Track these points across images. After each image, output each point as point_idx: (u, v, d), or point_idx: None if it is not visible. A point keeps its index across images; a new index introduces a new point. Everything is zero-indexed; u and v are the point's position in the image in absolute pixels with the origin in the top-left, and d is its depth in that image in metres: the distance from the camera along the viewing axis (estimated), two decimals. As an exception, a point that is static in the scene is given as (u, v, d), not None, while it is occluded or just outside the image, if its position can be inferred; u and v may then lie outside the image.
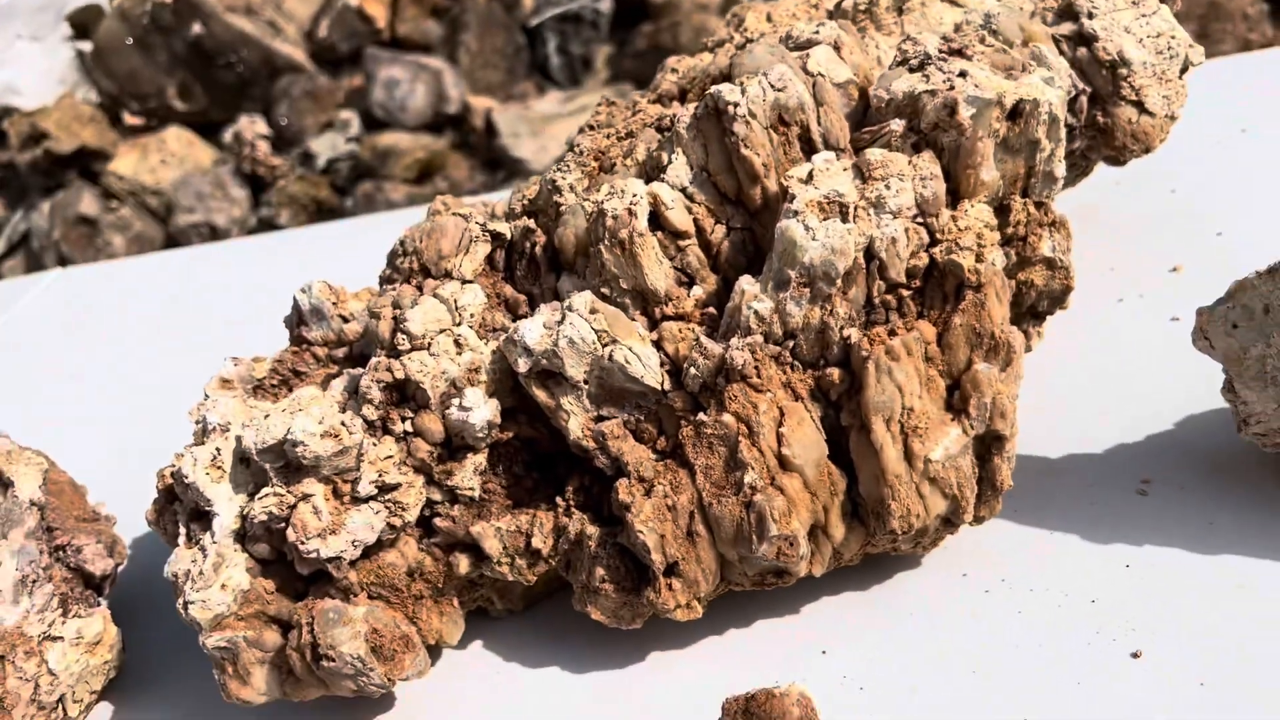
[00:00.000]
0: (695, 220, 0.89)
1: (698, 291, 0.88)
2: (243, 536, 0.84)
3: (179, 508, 0.88)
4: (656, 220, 0.87)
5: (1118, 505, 0.94)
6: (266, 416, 0.82)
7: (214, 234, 3.66)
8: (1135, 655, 0.80)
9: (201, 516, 0.86)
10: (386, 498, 0.83)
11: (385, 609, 0.86)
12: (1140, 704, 0.76)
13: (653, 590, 0.84)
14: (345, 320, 0.97)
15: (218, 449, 0.84)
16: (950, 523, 0.87)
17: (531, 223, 0.92)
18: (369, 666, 0.81)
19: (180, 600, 0.82)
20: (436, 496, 0.87)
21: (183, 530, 0.86)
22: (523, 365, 0.83)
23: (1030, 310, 0.96)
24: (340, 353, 0.97)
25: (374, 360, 0.84)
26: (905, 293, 0.85)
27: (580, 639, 0.96)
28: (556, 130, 3.58)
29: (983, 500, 0.87)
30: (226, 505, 0.83)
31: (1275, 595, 0.82)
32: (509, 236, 0.93)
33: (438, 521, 0.87)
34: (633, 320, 0.86)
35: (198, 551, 0.83)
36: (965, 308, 0.83)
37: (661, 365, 0.85)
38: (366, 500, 0.83)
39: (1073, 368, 1.08)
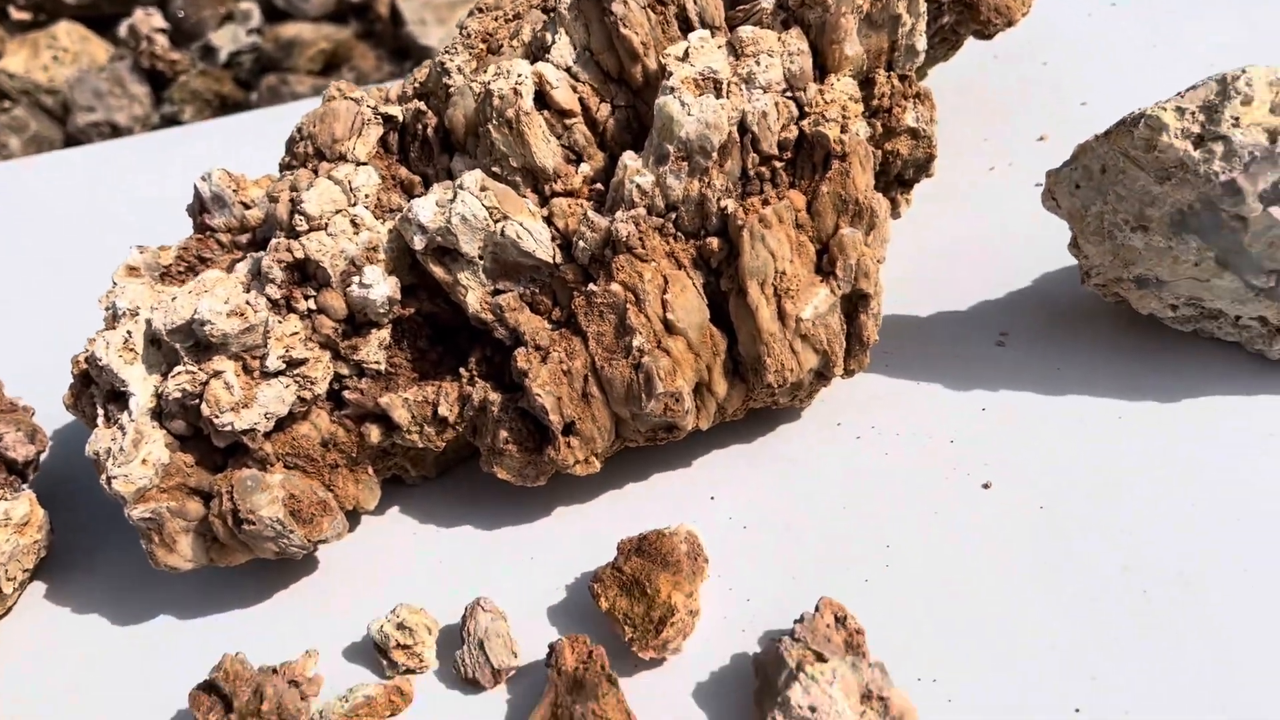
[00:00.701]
0: (580, 99, 0.93)
1: (585, 168, 0.93)
2: (159, 414, 0.88)
3: (95, 391, 0.92)
4: (543, 100, 0.91)
5: (978, 356, 1.03)
6: (174, 299, 0.85)
7: (115, 133, 3.56)
8: (986, 486, 0.89)
9: (118, 397, 0.90)
10: (295, 372, 0.88)
11: (302, 477, 0.92)
12: (988, 527, 0.86)
13: (553, 448, 0.91)
14: (247, 207, 1.00)
15: (129, 332, 0.87)
16: (822, 376, 0.95)
17: (422, 105, 0.95)
18: (288, 529, 0.87)
19: (103, 476, 0.87)
20: (344, 371, 0.92)
21: (100, 412, 0.90)
22: (419, 243, 0.88)
23: (898, 178, 1.03)
24: (244, 239, 1.00)
25: (274, 242, 0.88)
26: (777, 164, 0.90)
27: (491, 500, 1.03)
28: (465, 16, 3.52)
29: (851, 355, 0.95)
30: (141, 385, 0.87)
31: (1106, 429, 0.91)
32: (401, 119, 0.96)
33: (347, 394, 0.93)
34: (523, 197, 0.91)
35: (116, 430, 0.87)
36: (832, 176, 0.89)
37: (553, 240, 0.90)
38: (275, 375, 0.87)
39: (941, 232, 1.16)
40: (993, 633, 0.78)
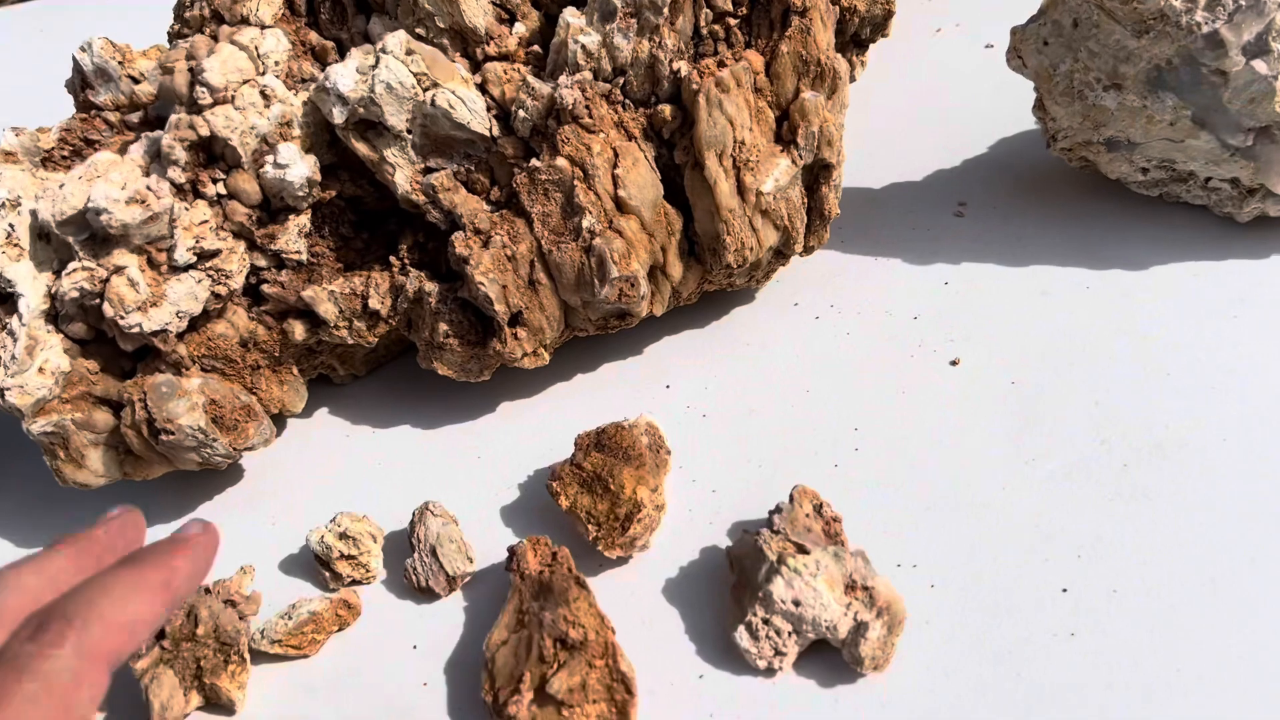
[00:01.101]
0: (512, -48, 0.83)
1: (520, 29, 0.84)
2: (54, 317, 0.79)
3: (-24, 293, 0.81)
4: (470, -48, 0.82)
5: (937, 228, 0.98)
6: (61, 186, 0.75)
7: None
8: (954, 363, 0.86)
9: (4, 300, 0.80)
10: (207, 265, 0.79)
11: (221, 381, 0.84)
12: (958, 405, 0.83)
13: (499, 341, 0.84)
14: (136, 81, 0.89)
15: (11, 225, 0.77)
16: (782, 254, 0.90)
17: (333, -40, 0.85)
18: (211, 437, 0.79)
19: (-5, 389, 0.77)
20: (262, 262, 0.84)
21: (-17, 317, 0.80)
22: (338, 115, 0.79)
23: (854, 38, 0.96)
24: (134, 117, 0.89)
25: (174, 118, 0.77)
26: (732, 21, 0.83)
27: (428, 397, 0.96)
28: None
29: (811, 230, 0.89)
30: (31, 285, 0.77)
31: (1072, 298, 0.88)
32: (310, -23, 0.86)
33: (266, 288, 0.84)
34: (453, 62, 0.82)
35: (5, 336, 0.78)
36: (792, 34, 0.82)
37: (488, 110, 0.82)
38: (186, 269, 0.78)
39: (894, 98, 1.10)
40: (971, 514, 0.75)
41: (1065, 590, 0.70)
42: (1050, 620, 0.68)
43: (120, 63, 0.88)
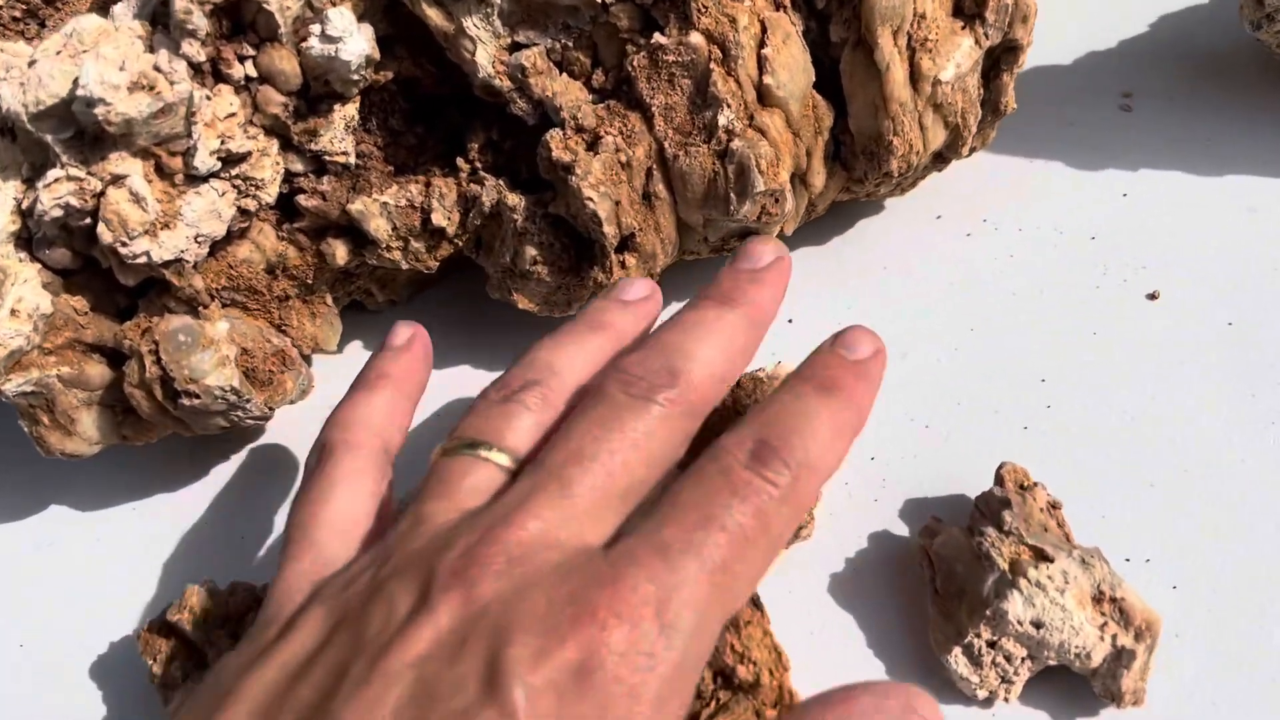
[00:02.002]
0: None
1: None
2: (28, 241, 0.59)
3: (-85, 207, 0.61)
4: None
5: (1100, 124, 0.82)
6: (32, 64, 0.54)
7: None
8: (1152, 296, 0.71)
9: (-45, 217, 0.59)
10: (233, 172, 0.60)
11: (246, 318, 0.65)
12: (1165, 350, 0.68)
13: (600, 270, 0.66)
14: (108, -81, 0.67)
15: (-40, 117, 0.57)
16: (942, 158, 0.73)
17: None
18: (245, 397, 0.61)
19: (-49, 337, 0.58)
20: (297, 166, 0.64)
21: (-71, 238, 0.60)
22: (407, -28, 0.59)
23: (1024, -116, 0.77)
24: (107, -33, 0.68)
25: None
26: None
27: (485, 329, 0.78)
28: None
29: (981, 128, 0.72)
30: (-8, 199, 0.57)
31: (1290, 218, 0.73)
32: None
33: (302, 200, 0.65)
34: (551, -98, 0.62)
35: (-39, 268, 0.58)
36: (989, -126, 0.63)
37: (597, -33, 0.62)
38: (206, 178, 0.59)
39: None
40: (1208, 492, 0.61)
41: (1349, 596, 0.57)
42: (1335, 634, 0.55)
43: (85, -108, 0.66)
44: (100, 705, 0.62)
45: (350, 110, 0.64)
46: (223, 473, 0.73)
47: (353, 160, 0.65)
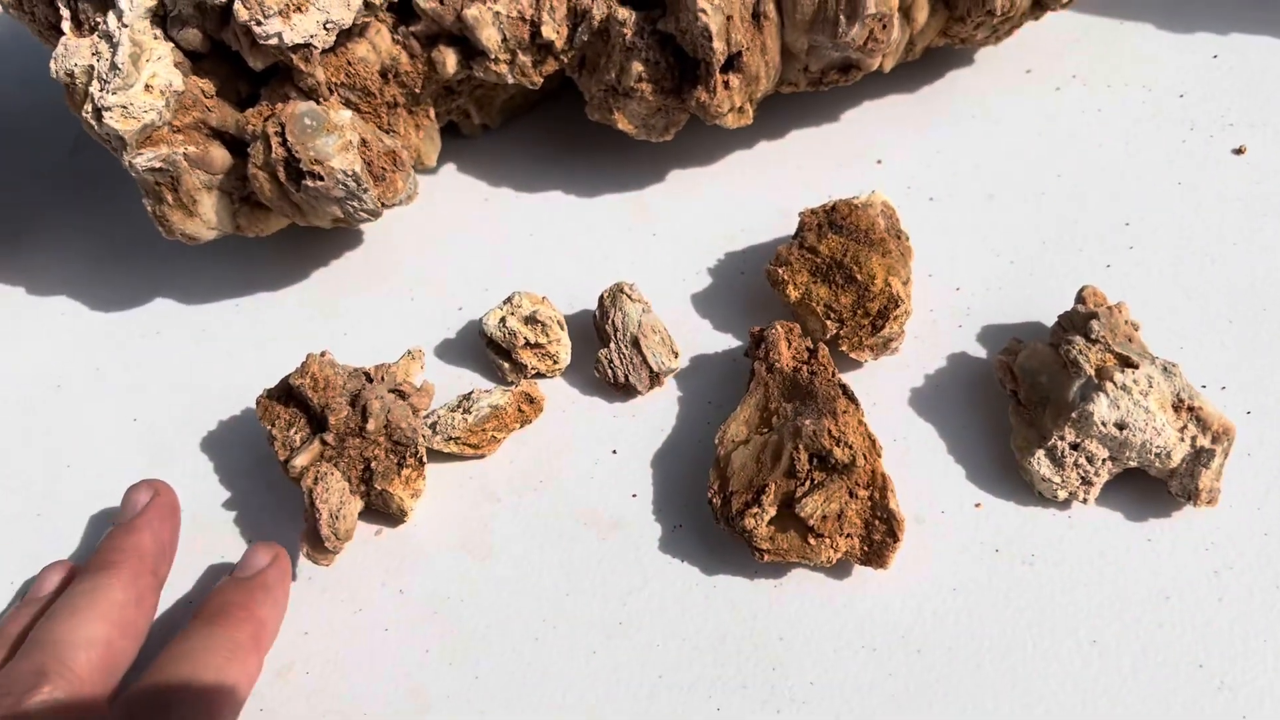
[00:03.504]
0: None
1: None
2: (163, 19, 0.61)
3: (51, -18, 0.63)
4: None
5: (1194, -10, 0.82)
6: None
7: None
8: (1238, 151, 0.72)
9: (93, -9, 0.61)
10: (364, -38, 0.61)
11: (358, 118, 0.67)
12: (1249, 202, 0.69)
13: (704, 89, 0.68)
14: None
15: (107, -114, 0.58)
16: (1041, 4, 0.73)
17: None
18: (363, 186, 0.63)
19: (88, 108, 0.60)
20: (417, -35, 0.66)
21: (65, 11, 0.61)
22: None
23: None
24: None
25: None
26: None
27: (578, 157, 0.80)
28: None
29: (1082, -24, 0.73)
30: (133, -28, 0.59)
31: (1378, 83, 0.74)
32: None
33: (421, 1, 0.66)
34: None
35: (99, 40, 0.60)
36: None
37: None
38: (339, -36, 0.60)
39: None
40: (1283, 330, 0.63)
41: None
42: (1405, 460, 0.57)
43: None
44: (213, 474, 0.65)
45: (472, -88, 0.65)
46: (322, 276, 0.75)
47: (472, -37, 0.66)
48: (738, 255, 0.73)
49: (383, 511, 0.60)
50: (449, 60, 0.69)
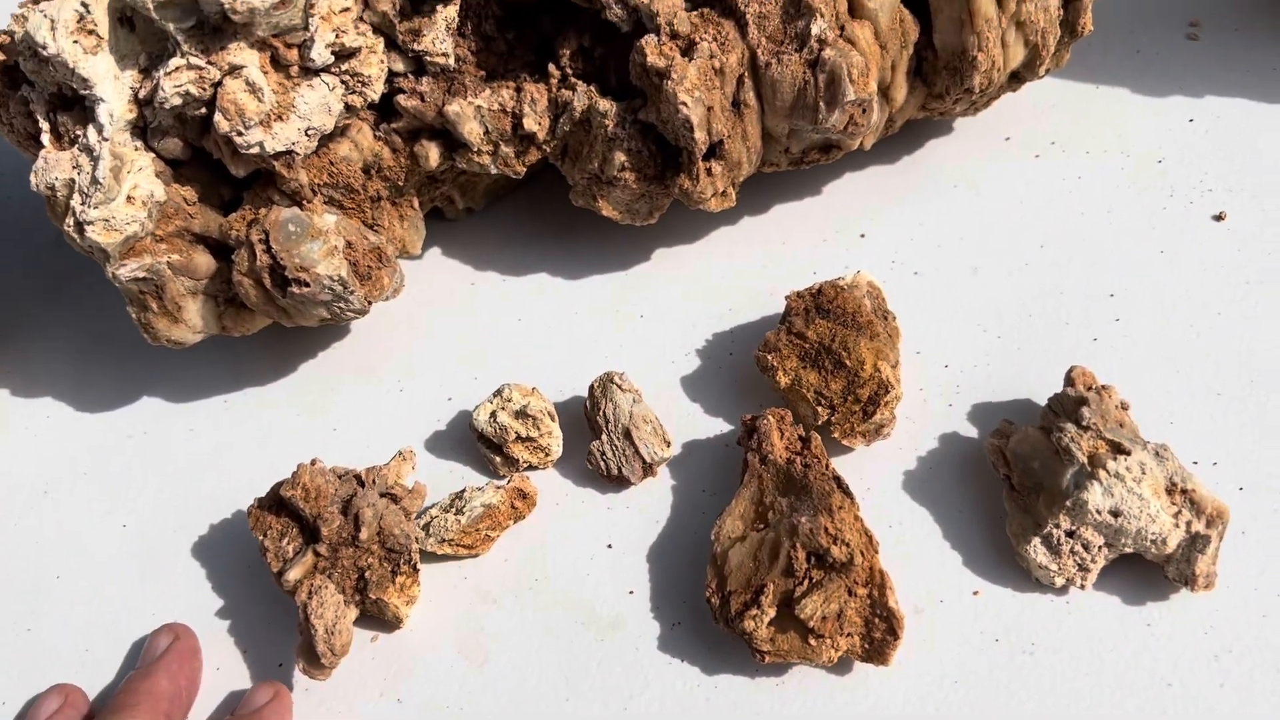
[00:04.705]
0: None
1: None
2: (143, 130, 0.61)
3: (30, 94, 0.62)
4: None
5: (1167, 52, 0.83)
6: (157, -47, 0.56)
7: None
8: (1218, 217, 0.73)
9: (73, 105, 0.61)
10: (343, 68, 0.61)
11: (343, 216, 0.67)
12: (1231, 269, 0.70)
13: (687, 177, 0.68)
14: None
15: (84, 5, 0.58)
16: (1018, 77, 0.74)
17: None
18: (349, 289, 0.63)
19: (69, 221, 0.60)
20: (399, 66, 0.66)
21: (44, 124, 0.61)
22: (520, -128, 0.60)
23: None
24: None
25: None
26: None
27: (563, 238, 0.80)
28: None
29: (1056, 50, 0.74)
30: (112, 87, 0.59)
31: (1353, 144, 0.75)
32: None
33: (402, 100, 0.66)
34: None
35: (80, 153, 0.60)
36: None
37: (696, -126, 0.64)
38: (319, 72, 0.60)
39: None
40: (1272, 401, 0.63)
41: None
42: (1400, 534, 0.58)
43: None
44: (205, 582, 0.65)
45: (451, 12, 0.65)
46: (311, 370, 0.75)
47: (451, 62, 0.67)
48: (726, 336, 0.73)
49: (378, 618, 0.60)
50: (432, 154, 0.69)
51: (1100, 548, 0.56)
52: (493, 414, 0.64)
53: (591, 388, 0.67)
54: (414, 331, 0.76)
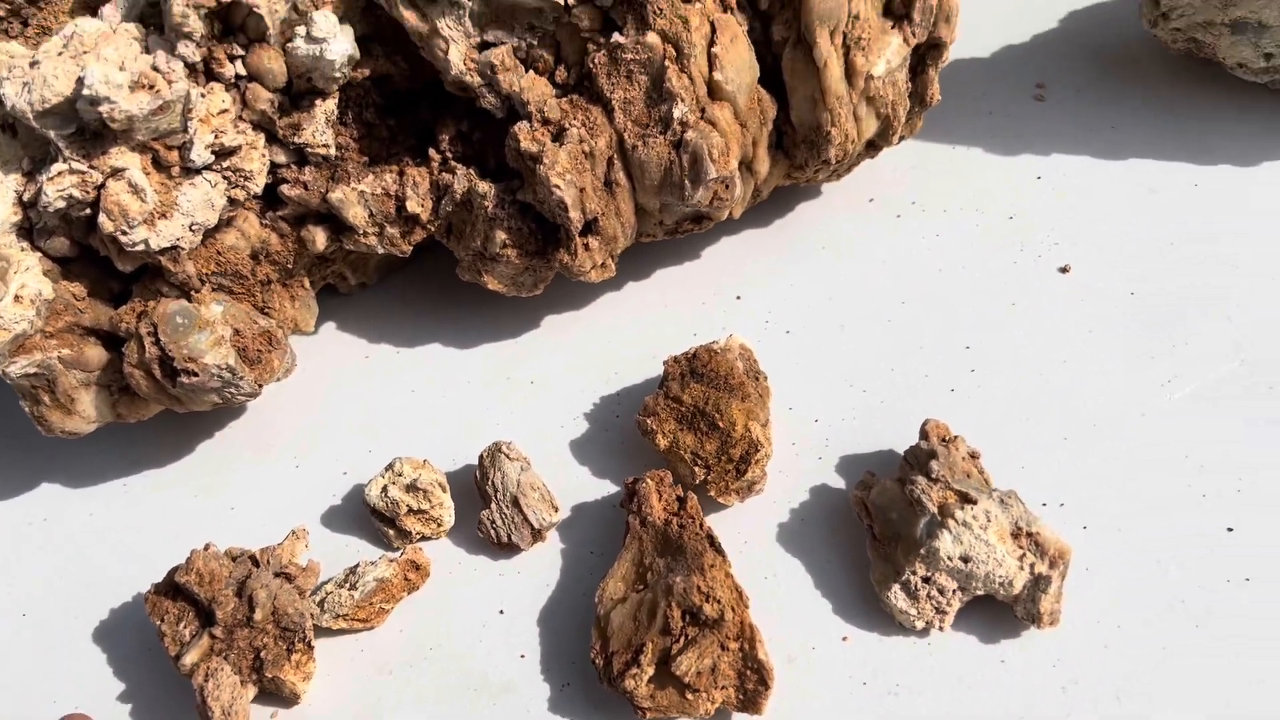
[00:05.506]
0: None
1: None
2: (29, 230, 0.63)
3: (-86, 199, 0.64)
4: None
5: (1016, 113, 0.89)
6: (35, 64, 0.58)
7: None
8: (1064, 270, 0.78)
9: (-43, 209, 0.63)
10: (224, 165, 0.64)
11: (232, 301, 0.69)
12: (1076, 319, 0.75)
13: (566, 252, 0.72)
14: (87, -78, 0.70)
15: (-36, 115, 0.60)
16: (874, 146, 0.79)
17: None
18: (239, 375, 0.65)
19: (-43, 323, 0.61)
20: (281, 158, 0.68)
21: (-70, 230, 0.63)
22: (388, -23, 0.63)
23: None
24: (89, -34, 0.71)
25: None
26: None
27: (455, 308, 0.83)
28: None
29: (909, 118, 0.79)
30: (-4, 192, 0.61)
31: (1182, 198, 0.81)
32: None
33: (285, 190, 0.69)
34: (516, -88, 0.67)
35: (-35, 257, 0.61)
36: (914, -112, 0.70)
37: (560, -28, 0.68)
38: (200, 171, 0.63)
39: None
40: (1113, 444, 0.69)
41: (1231, 530, 0.64)
42: (1221, 564, 0.63)
43: (65, -103, 0.69)
44: (105, 667, 0.66)
45: (330, 105, 0.68)
46: (207, 449, 0.77)
47: (333, 152, 0.69)
48: (612, 399, 0.76)
49: (276, 694, 0.62)
50: (319, 238, 0.72)
51: (954, 591, 0.60)
52: (384, 489, 0.67)
53: (481, 457, 0.69)
54: (309, 407, 0.78)
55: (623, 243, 0.74)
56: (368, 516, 0.69)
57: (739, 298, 0.81)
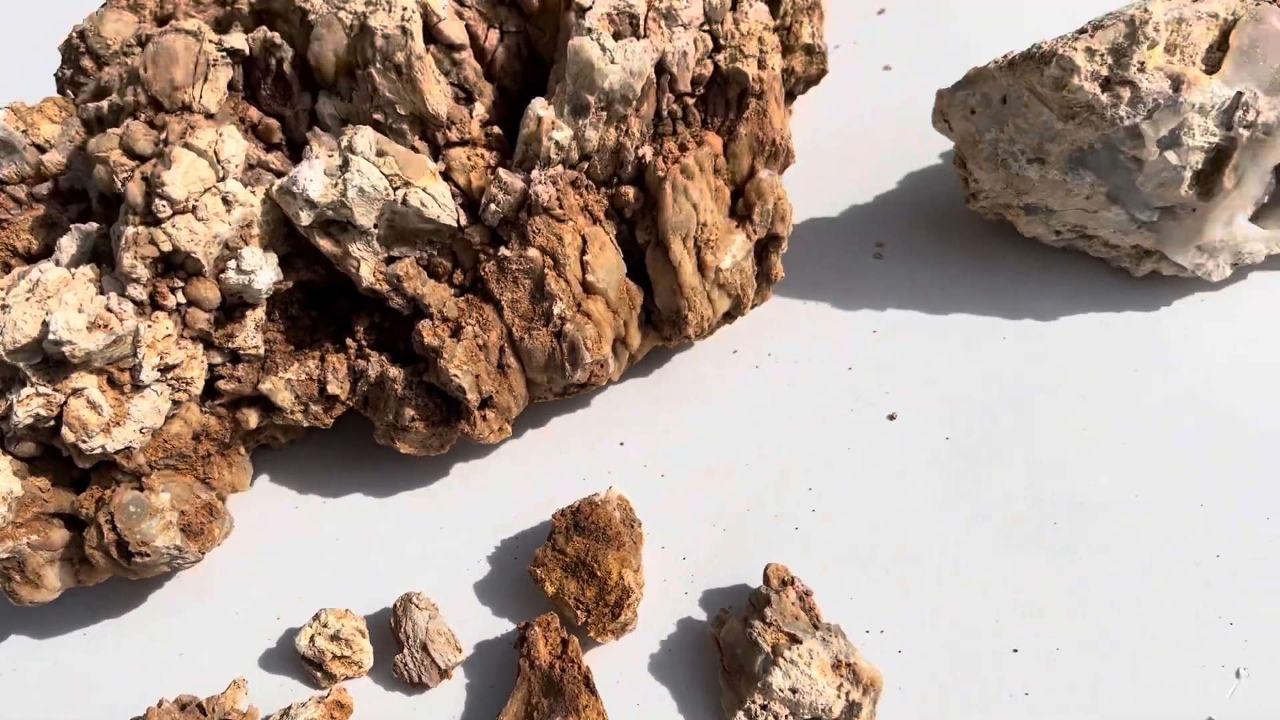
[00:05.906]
0: (468, 26, 0.80)
1: (479, 110, 0.82)
2: (0, 438, 0.74)
3: (-102, 411, 0.75)
4: (428, 32, 0.79)
5: (859, 270, 1.03)
6: (5, 309, 0.69)
7: None
8: (891, 418, 0.92)
9: (-63, 422, 0.74)
10: (169, 376, 0.75)
11: (177, 477, 0.81)
12: (900, 463, 0.89)
13: (467, 424, 0.84)
14: (42, 150, 0.82)
15: (-56, 349, 0.71)
16: (730, 316, 0.93)
17: (275, 36, 0.79)
18: (185, 551, 0.77)
19: (-61, 520, 0.72)
20: (217, 360, 0.80)
21: (-87, 438, 0.74)
22: (305, 218, 0.75)
23: (787, 94, 0.98)
24: (43, 189, 0.82)
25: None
26: (689, 100, 0.84)
27: (375, 460, 0.95)
28: None
29: (758, 292, 0.93)
30: (-28, 410, 0.72)
31: (992, 350, 0.96)
32: (248, 51, 0.80)
33: (222, 384, 0.81)
34: (414, 148, 0.79)
35: (-54, 463, 0.72)
36: (749, 116, 0.83)
37: (454, 198, 0.80)
38: (149, 385, 0.74)
39: (798, 123, 1.12)
40: (925, 576, 0.82)
41: (1016, 650, 0.78)
42: (1006, 680, 0.77)
43: (23, 130, 0.81)
44: (72, 804, 0.77)
45: (260, 313, 0.80)
46: (159, 599, 0.88)
47: (262, 351, 0.81)
48: (511, 542, 0.88)
49: (223, 826, 0.73)
50: (251, 418, 0.83)
51: (787, 717, 0.74)
52: (312, 638, 0.79)
53: (394, 607, 0.81)
54: (247, 557, 0.89)
55: (516, 410, 0.87)
56: (299, 660, 0.81)
57: (622, 444, 0.94)
